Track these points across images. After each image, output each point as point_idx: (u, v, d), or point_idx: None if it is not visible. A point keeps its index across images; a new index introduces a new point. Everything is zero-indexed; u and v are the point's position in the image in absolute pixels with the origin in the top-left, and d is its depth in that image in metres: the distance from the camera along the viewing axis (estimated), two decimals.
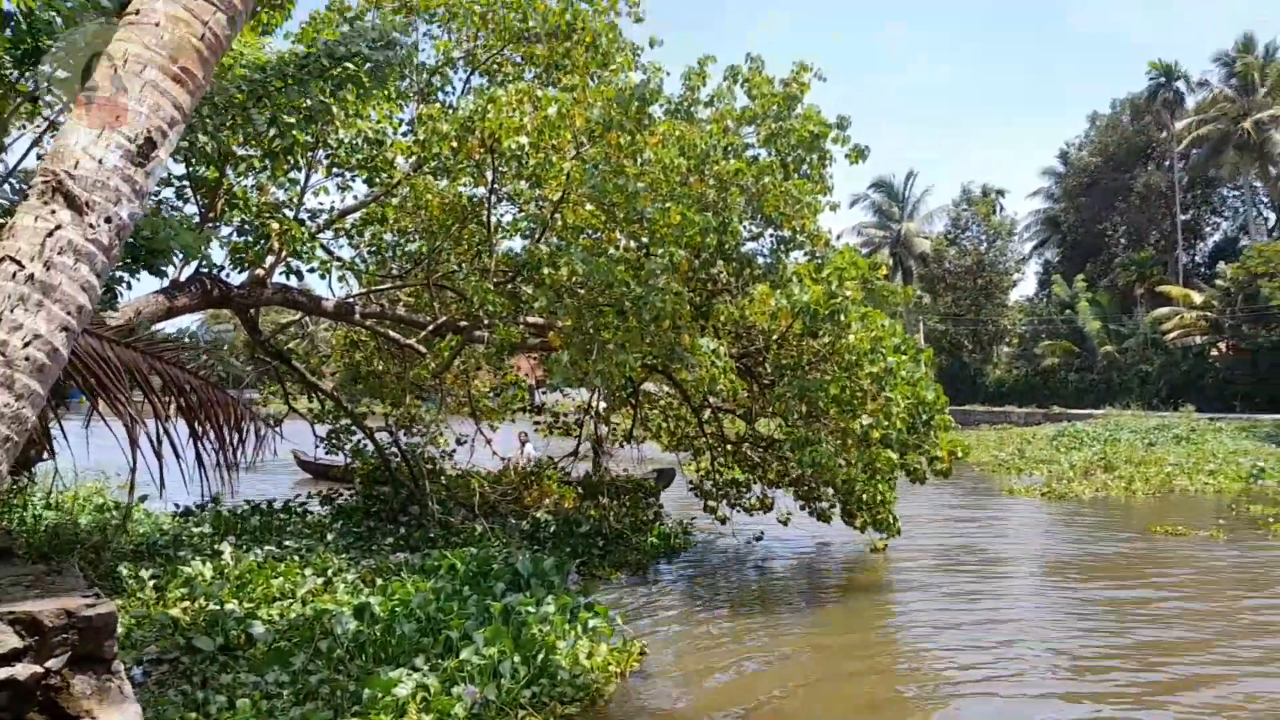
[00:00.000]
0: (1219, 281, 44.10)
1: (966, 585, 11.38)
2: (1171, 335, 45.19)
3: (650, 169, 9.86)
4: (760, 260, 12.01)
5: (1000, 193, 62.41)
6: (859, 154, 11.65)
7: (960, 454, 11.84)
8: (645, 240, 9.78)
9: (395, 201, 11.91)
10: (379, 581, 9.01)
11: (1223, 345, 43.01)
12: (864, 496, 11.15)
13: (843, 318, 10.30)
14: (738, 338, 11.75)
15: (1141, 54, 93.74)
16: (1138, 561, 12.78)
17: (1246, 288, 40.40)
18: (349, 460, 13.86)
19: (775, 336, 11.03)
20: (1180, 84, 54.02)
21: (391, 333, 12.05)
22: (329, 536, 11.31)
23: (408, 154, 10.82)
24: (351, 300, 11.82)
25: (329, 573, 9.39)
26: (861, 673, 8.05)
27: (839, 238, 14.27)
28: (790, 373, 10.78)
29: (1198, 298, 45.60)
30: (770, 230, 12.04)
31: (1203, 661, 8.20)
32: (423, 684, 6.31)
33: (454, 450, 14.10)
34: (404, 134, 11.77)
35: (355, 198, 12.10)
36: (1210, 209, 61.22)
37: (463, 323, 11.30)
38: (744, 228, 11.85)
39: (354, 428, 13.32)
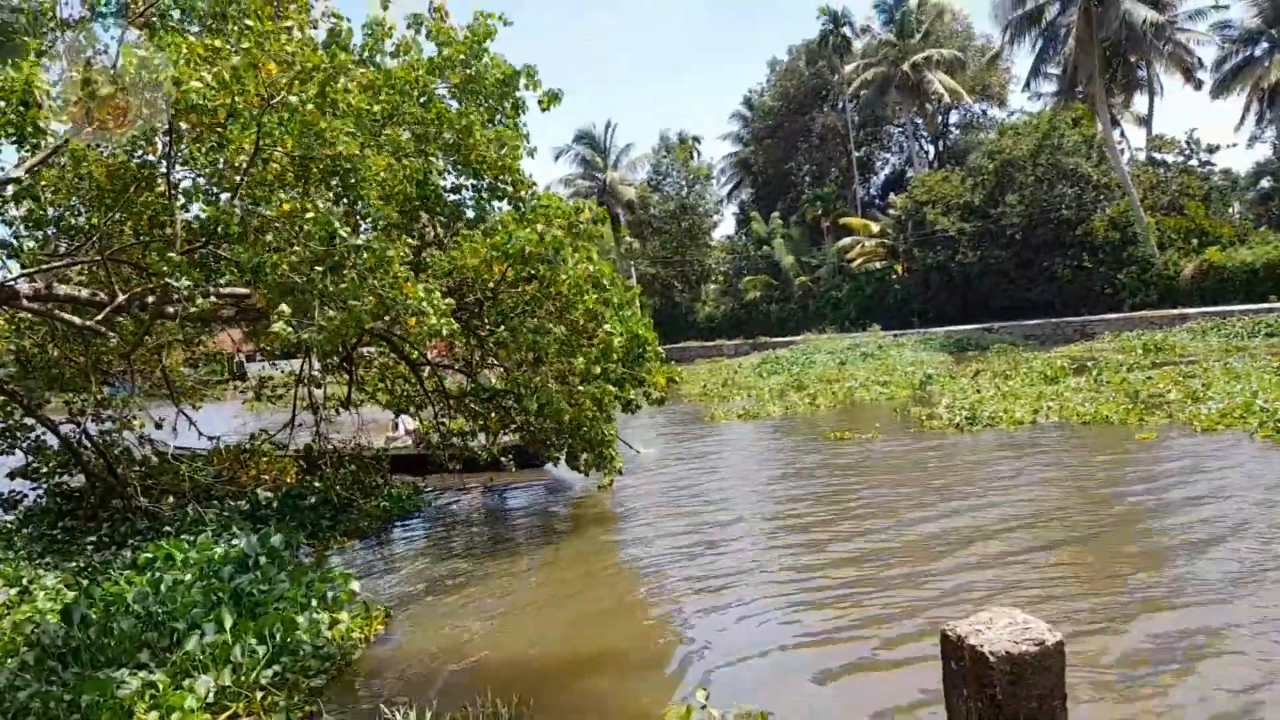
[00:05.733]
0: (891, 211, 48.81)
1: (679, 502, 12.31)
2: (856, 262, 49.68)
3: (344, 119, 9.44)
4: (468, 213, 11.94)
5: (697, 139, 65.28)
6: (552, 99, 11.73)
7: (677, 381, 12.56)
8: (343, 194, 9.38)
9: (54, 172, 10.70)
10: (85, 583, 8.28)
11: (899, 268, 47.77)
12: (589, 436, 11.51)
13: (559, 255, 10.48)
14: (451, 291, 11.66)
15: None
16: (811, 463, 14.36)
17: (914, 215, 44.98)
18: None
19: (491, 285, 11.04)
20: (847, 29, 58.58)
21: (65, 314, 10.88)
22: (18, 544, 10.21)
23: (62, 116, 9.68)
24: (13, 283, 10.56)
25: (24, 581, 8.51)
26: (594, 597, 8.44)
27: (548, 187, 14.34)
28: (508, 320, 10.85)
29: (875, 227, 50.32)
30: (473, 180, 11.96)
31: (866, 527, 9.49)
32: (149, 681, 5.94)
33: (150, 437, 13.06)
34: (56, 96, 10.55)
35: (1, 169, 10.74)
36: (880, 145, 67.41)
37: (149, 298, 10.41)
38: (446, 178, 11.71)
39: (31, 421, 11.99)
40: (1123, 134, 52.25)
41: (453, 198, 12.10)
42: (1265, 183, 52.41)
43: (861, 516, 10.51)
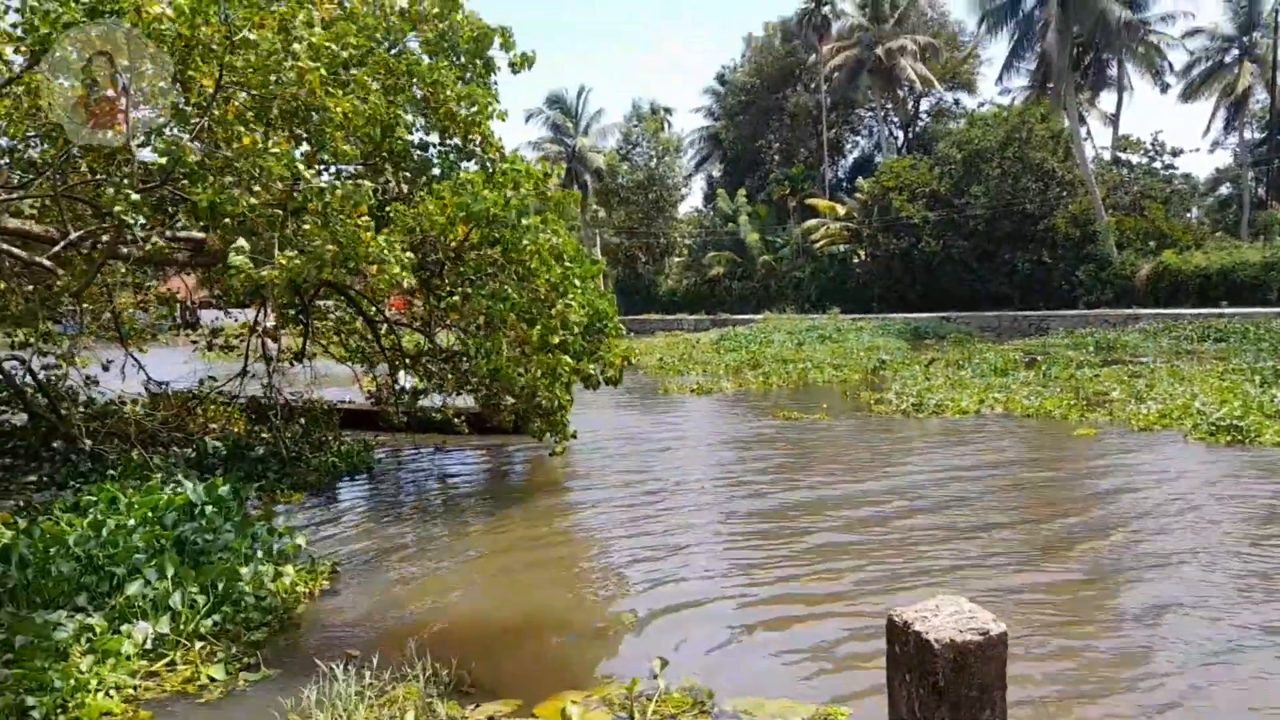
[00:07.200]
0: (858, 195, 48.99)
1: (629, 471, 12.42)
2: (820, 244, 49.91)
3: (304, 59, 9.18)
4: (435, 171, 11.80)
5: (668, 110, 65.17)
6: (525, 60, 11.58)
7: (632, 361, 12.61)
8: (306, 136, 9.19)
9: (8, 101, 10.39)
10: (24, 523, 8.16)
11: (862, 252, 48.08)
12: (542, 403, 11.49)
13: (524, 221, 10.39)
14: (414, 248, 11.52)
15: None
16: (757, 438, 14.69)
17: (880, 200, 45.19)
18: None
19: (454, 246, 10.93)
20: (827, 9, 58.46)
21: (15, 249, 10.62)
22: None
23: (15, 44, 9.39)
24: None
25: None
26: (542, 562, 8.46)
27: (516, 150, 14.10)
28: (470, 283, 10.77)
29: (841, 210, 50.51)
30: (441, 139, 11.81)
31: (811, 496, 9.57)
32: (87, 625, 5.89)
33: (97, 378, 12.85)
34: (12, 25, 10.25)
35: None
36: (850, 128, 67.65)
37: (103, 237, 10.18)
38: (414, 133, 11.55)
39: None
40: (1089, 132, 52.86)
41: (419, 154, 11.94)
42: (1224, 189, 53.42)
43: (804, 494, 10.67)
